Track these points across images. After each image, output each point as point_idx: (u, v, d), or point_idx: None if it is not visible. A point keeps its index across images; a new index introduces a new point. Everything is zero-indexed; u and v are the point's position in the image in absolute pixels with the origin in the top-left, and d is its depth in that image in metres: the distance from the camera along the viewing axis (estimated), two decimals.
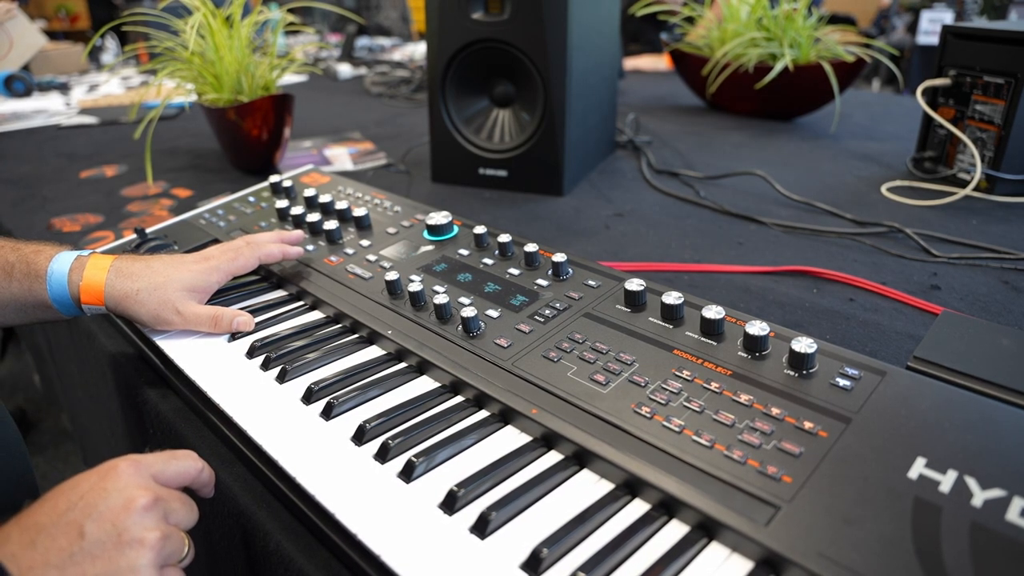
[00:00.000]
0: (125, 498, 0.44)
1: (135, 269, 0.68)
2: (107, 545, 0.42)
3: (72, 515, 0.43)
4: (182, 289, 0.68)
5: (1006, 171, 1.13)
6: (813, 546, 0.40)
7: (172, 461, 0.50)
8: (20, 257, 0.67)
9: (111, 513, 0.43)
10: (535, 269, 0.72)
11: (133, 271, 0.68)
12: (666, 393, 0.53)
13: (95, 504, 0.43)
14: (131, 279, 0.67)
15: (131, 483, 0.46)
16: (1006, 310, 0.80)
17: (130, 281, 0.67)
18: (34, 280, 0.66)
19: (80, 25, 6.69)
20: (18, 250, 0.68)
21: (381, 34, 3.34)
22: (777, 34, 1.62)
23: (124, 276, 0.67)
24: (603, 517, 0.46)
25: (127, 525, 0.43)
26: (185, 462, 0.51)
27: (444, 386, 0.61)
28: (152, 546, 0.43)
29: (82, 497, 0.44)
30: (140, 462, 0.48)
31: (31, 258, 0.67)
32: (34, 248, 0.68)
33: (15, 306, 0.67)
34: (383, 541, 0.44)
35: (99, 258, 0.68)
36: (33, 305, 0.67)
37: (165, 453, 0.50)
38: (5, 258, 0.67)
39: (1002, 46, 1.11)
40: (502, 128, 1.24)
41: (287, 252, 0.77)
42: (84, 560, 0.41)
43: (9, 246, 0.68)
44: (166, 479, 0.49)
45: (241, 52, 1.25)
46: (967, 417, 0.47)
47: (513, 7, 1.10)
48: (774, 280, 0.89)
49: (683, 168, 1.35)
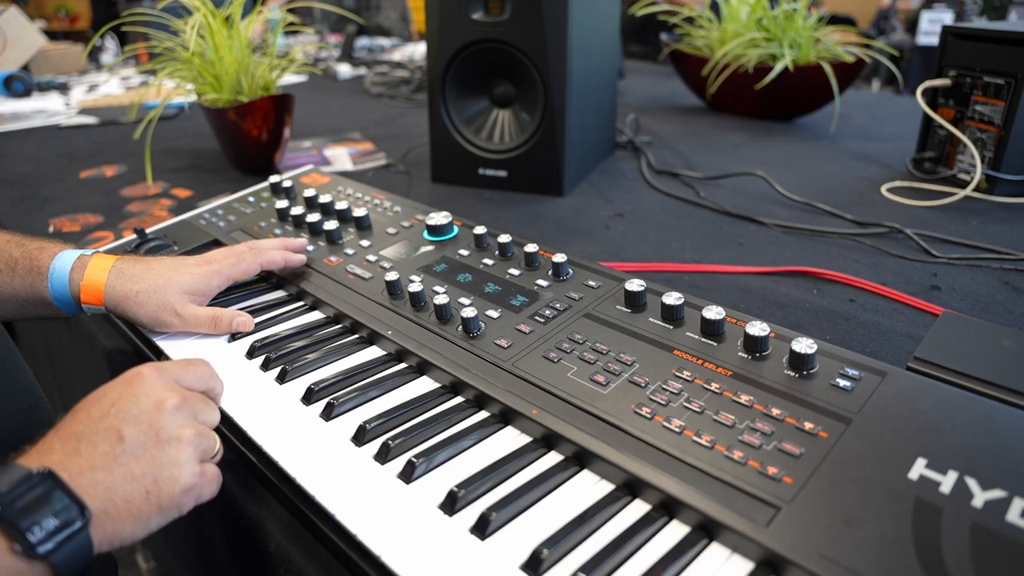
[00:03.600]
0: (155, 400, 0.47)
1: (136, 271, 0.68)
2: (147, 444, 0.45)
3: (108, 421, 0.45)
4: (182, 292, 0.68)
5: (1006, 172, 1.13)
6: (814, 547, 0.40)
7: (190, 367, 0.53)
8: (24, 253, 0.67)
9: (145, 415, 0.46)
10: (535, 269, 0.72)
11: (134, 273, 0.68)
12: (666, 394, 0.53)
13: (128, 409, 0.46)
14: (131, 280, 0.67)
15: (158, 386, 0.48)
16: (1006, 311, 0.80)
17: (130, 283, 0.67)
18: (36, 276, 0.66)
19: (80, 25, 6.69)
20: (23, 246, 0.68)
21: (381, 34, 3.34)
22: (777, 34, 1.62)
23: (124, 277, 0.67)
24: (603, 518, 0.46)
25: (162, 424, 0.46)
26: (202, 368, 0.54)
27: (444, 387, 0.61)
28: (190, 441, 0.46)
29: (113, 404, 0.46)
30: (161, 368, 0.50)
31: (35, 255, 0.67)
32: (38, 245, 0.69)
33: (16, 301, 0.68)
34: (383, 542, 0.44)
35: (101, 258, 0.68)
36: (34, 301, 0.68)
37: (182, 360, 0.53)
38: (9, 253, 0.67)
39: (1002, 47, 1.11)
40: (502, 128, 1.24)
41: (290, 259, 0.77)
42: (128, 460, 0.44)
43: (14, 241, 0.69)
44: (187, 383, 0.51)
45: (241, 52, 1.25)
46: (968, 418, 0.47)
47: (513, 7, 1.10)
48: (774, 281, 0.89)
49: (683, 168, 1.35)
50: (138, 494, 0.43)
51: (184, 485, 0.45)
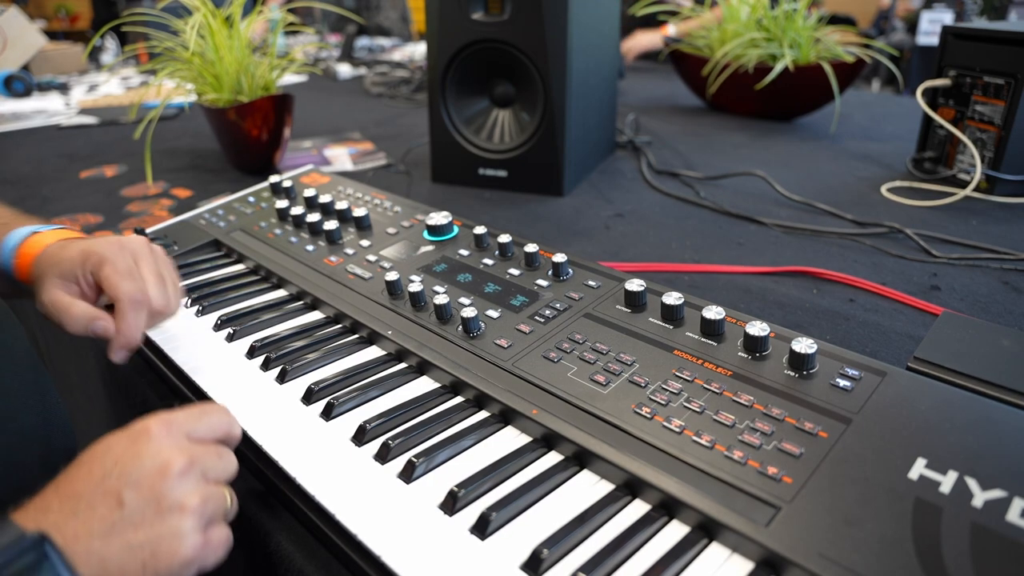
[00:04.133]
0: (160, 463, 0.44)
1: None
2: (147, 512, 0.42)
3: (109, 483, 0.42)
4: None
5: (1006, 172, 1.13)
6: (814, 547, 0.40)
7: (204, 417, 0.49)
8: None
9: (148, 479, 0.43)
10: (535, 269, 0.72)
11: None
12: (666, 393, 0.53)
13: (130, 471, 0.43)
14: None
15: (164, 445, 0.45)
16: (1006, 310, 0.80)
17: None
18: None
19: (80, 25, 6.69)
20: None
21: (381, 34, 3.34)
22: (777, 35, 1.62)
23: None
24: (603, 518, 0.46)
25: (165, 491, 0.43)
26: (217, 417, 0.50)
27: (444, 386, 0.61)
28: (194, 510, 0.43)
29: (116, 463, 0.43)
30: (171, 422, 0.47)
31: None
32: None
33: None
34: (383, 542, 0.44)
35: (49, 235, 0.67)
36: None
37: (195, 409, 0.50)
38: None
39: (1002, 47, 1.11)
40: (502, 128, 1.24)
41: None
42: (126, 529, 0.41)
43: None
44: (199, 436, 0.48)
45: (241, 52, 1.25)
46: (967, 418, 0.47)
47: (513, 7, 1.10)
48: (774, 280, 0.89)
49: (683, 168, 1.35)
50: (134, 566, 0.40)
51: (184, 558, 0.42)
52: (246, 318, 0.72)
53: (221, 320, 0.71)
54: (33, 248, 0.66)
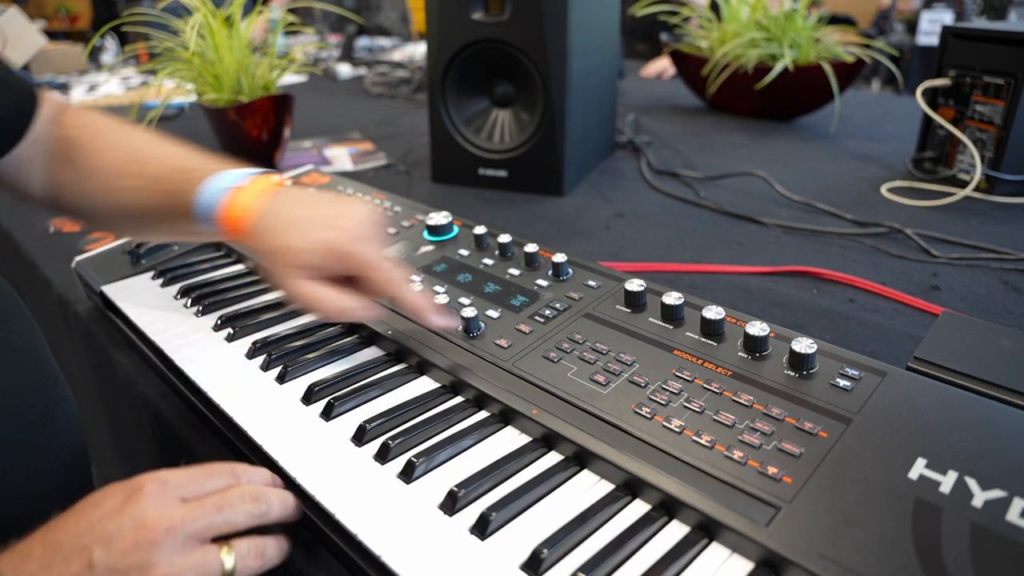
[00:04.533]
0: (138, 525, 0.42)
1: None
2: (112, 575, 0.40)
3: (87, 539, 0.41)
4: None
5: (1006, 171, 1.13)
6: (813, 547, 0.40)
7: (207, 480, 0.47)
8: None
9: (122, 541, 0.41)
10: (535, 269, 0.72)
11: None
12: (666, 393, 0.53)
13: (109, 529, 0.42)
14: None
15: (150, 507, 0.43)
16: (1006, 310, 0.80)
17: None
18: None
19: (80, 25, 6.69)
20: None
21: (381, 34, 3.34)
22: (777, 34, 1.62)
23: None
24: (603, 518, 0.46)
25: (134, 555, 0.41)
26: (220, 480, 0.48)
27: (444, 386, 0.61)
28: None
29: (101, 519, 0.42)
30: (167, 482, 0.45)
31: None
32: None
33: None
34: (383, 542, 0.44)
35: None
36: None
37: (200, 470, 0.48)
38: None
39: (1002, 47, 1.11)
40: (502, 128, 1.24)
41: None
42: None
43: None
44: (199, 495, 0.46)
45: (241, 52, 1.25)
46: (967, 418, 0.47)
47: (513, 7, 1.10)
48: (774, 280, 0.89)
49: (683, 168, 1.35)
50: None
51: None
52: (246, 318, 0.72)
53: (221, 320, 0.71)
54: (243, 213, 0.63)
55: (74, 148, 0.70)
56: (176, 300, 0.77)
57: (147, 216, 0.69)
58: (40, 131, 0.70)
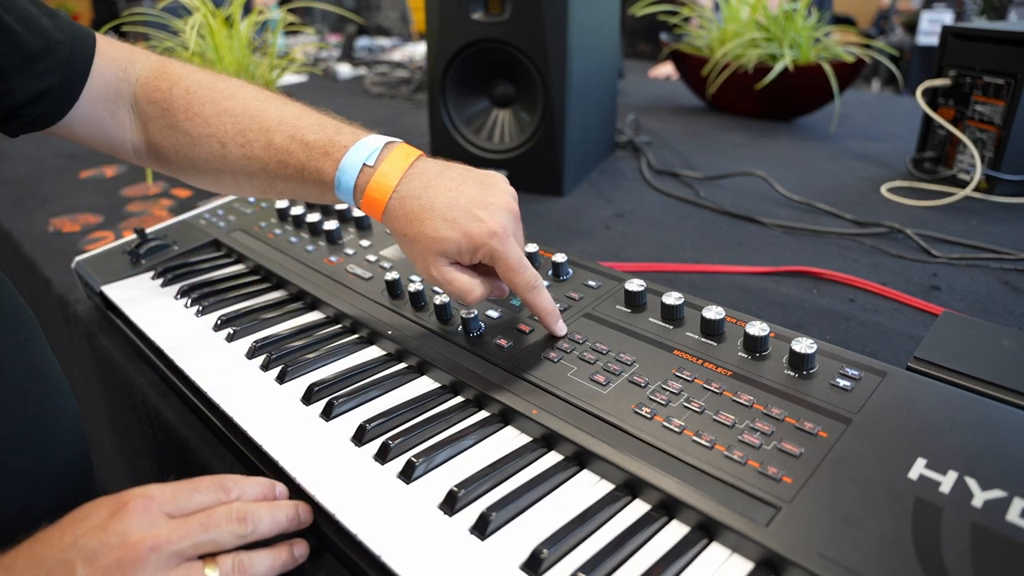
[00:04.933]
0: (121, 543, 0.41)
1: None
2: None
3: (70, 554, 0.41)
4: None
5: (1006, 171, 1.13)
6: (813, 547, 0.40)
7: (195, 495, 0.46)
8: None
9: (103, 558, 0.41)
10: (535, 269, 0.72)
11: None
12: (666, 393, 0.53)
13: (92, 545, 0.41)
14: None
15: (134, 525, 0.42)
16: (1006, 310, 0.80)
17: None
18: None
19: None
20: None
21: (381, 34, 3.34)
22: (777, 34, 1.62)
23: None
24: (603, 518, 0.46)
25: (114, 573, 0.41)
26: (208, 495, 0.47)
27: (444, 386, 0.61)
28: None
29: (86, 533, 0.42)
30: (154, 498, 0.44)
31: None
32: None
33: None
34: (383, 542, 0.44)
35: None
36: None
37: (188, 485, 0.47)
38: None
39: (1002, 47, 1.11)
40: (502, 128, 1.24)
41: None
42: None
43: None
44: (187, 512, 0.45)
45: (241, 52, 1.25)
46: (967, 418, 0.47)
47: (513, 7, 1.10)
48: (774, 280, 0.89)
49: (683, 168, 1.35)
50: None
51: None
52: (246, 318, 0.72)
53: (221, 320, 0.71)
54: (375, 194, 0.60)
55: (175, 111, 0.66)
56: (176, 300, 0.77)
57: (273, 185, 0.65)
58: (123, 90, 0.67)
